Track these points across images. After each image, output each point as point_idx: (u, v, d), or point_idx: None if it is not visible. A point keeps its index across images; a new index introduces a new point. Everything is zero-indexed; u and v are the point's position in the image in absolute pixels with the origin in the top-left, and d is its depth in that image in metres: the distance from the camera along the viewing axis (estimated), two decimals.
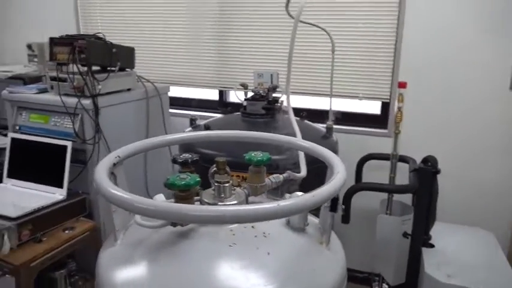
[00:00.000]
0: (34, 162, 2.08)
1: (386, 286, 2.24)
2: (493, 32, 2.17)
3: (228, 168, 1.06)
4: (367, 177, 2.34)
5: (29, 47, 2.64)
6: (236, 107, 2.27)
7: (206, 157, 1.66)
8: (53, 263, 1.82)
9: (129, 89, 2.35)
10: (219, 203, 1.02)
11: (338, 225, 2.01)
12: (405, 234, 2.04)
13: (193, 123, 2.18)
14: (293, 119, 1.59)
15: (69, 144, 1.99)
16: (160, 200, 1.11)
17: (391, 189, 2.14)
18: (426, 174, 1.89)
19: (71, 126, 2.06)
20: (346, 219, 1.92)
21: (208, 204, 1.02)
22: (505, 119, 2.24)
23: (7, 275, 1.66)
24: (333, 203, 1.01)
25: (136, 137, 1.28)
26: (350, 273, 2.55)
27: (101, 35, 2.18)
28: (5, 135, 2.27)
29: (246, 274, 0.89)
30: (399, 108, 2.08)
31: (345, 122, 2.57)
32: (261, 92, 2.15)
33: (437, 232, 2.06)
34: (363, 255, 2.59)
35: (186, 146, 1.90)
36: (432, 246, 2.00)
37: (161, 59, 2.95)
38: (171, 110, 2.75)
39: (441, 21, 2.25)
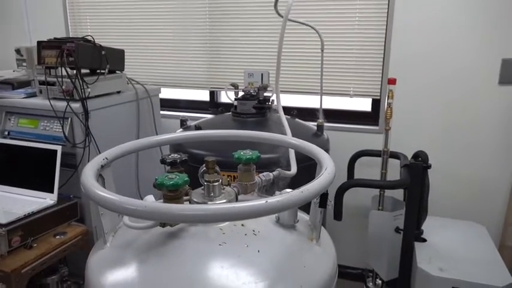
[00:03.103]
0: (24, 167, 2.06)
1: (380, 281, 2.25)
2: (481, 27, 2.19)
3: (217, 168, 1.06)
4: (359, 174, 2.35)
5: (18, 51, 2.61)
6: (227, 107, 2.27)
7: (197, 157, 1.67)
8: (44, 269, 1.81)
9: (119, 92, 2.34)
10: (209, 202, 1.02)
11: (331, 222, 2.03)
12: (397, 230, 2.06)
13: (184, 124, 2.17)
14: (283, 117, 1.59)
15: (59, 148, 1.98)
16: (150, 201, 1.11)
17: (382, 185, 2.15)
18: (417, 169, 1.90)
19: (61, 130, 2.05)
20: (338, 216, 1.93)
21: (198, 203, 1.02)
22: (494, 114, 2.26)
23: None
24: (322, 199, 1.01)
25: (127, 139, 1.27)
26: (344, 270, 2.59)
27: (90, 38, 2.17)
28: None
29: (236, 272, 0.88)
30: (389, 105, 2.09)
31: (336, 120, 2.58)
32: (251, 91, 2.15)
33: (430, 226, 2.07)
34: (357, 251, 2.61)
35: (177, 146, 1.90)
36: (424, 240, 2.02)
37: (151, 61, 2.94)
38: (162, 112, 2.74)
39: (430, 16, 2.26)
